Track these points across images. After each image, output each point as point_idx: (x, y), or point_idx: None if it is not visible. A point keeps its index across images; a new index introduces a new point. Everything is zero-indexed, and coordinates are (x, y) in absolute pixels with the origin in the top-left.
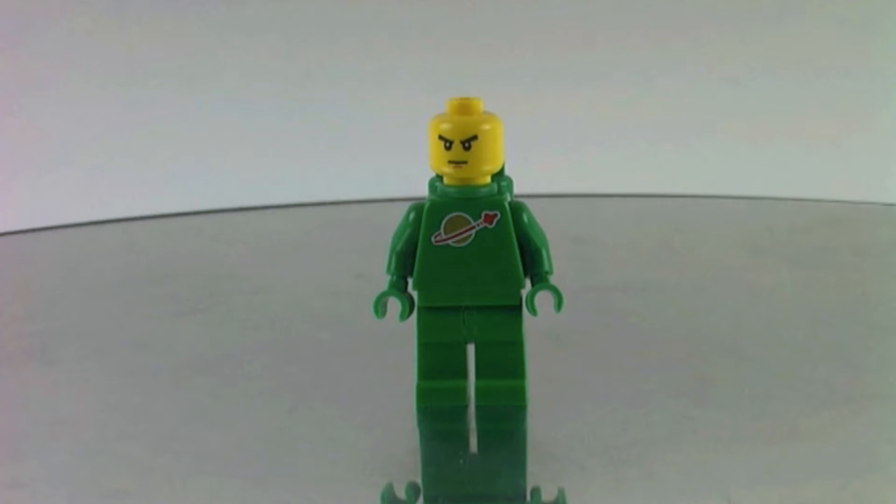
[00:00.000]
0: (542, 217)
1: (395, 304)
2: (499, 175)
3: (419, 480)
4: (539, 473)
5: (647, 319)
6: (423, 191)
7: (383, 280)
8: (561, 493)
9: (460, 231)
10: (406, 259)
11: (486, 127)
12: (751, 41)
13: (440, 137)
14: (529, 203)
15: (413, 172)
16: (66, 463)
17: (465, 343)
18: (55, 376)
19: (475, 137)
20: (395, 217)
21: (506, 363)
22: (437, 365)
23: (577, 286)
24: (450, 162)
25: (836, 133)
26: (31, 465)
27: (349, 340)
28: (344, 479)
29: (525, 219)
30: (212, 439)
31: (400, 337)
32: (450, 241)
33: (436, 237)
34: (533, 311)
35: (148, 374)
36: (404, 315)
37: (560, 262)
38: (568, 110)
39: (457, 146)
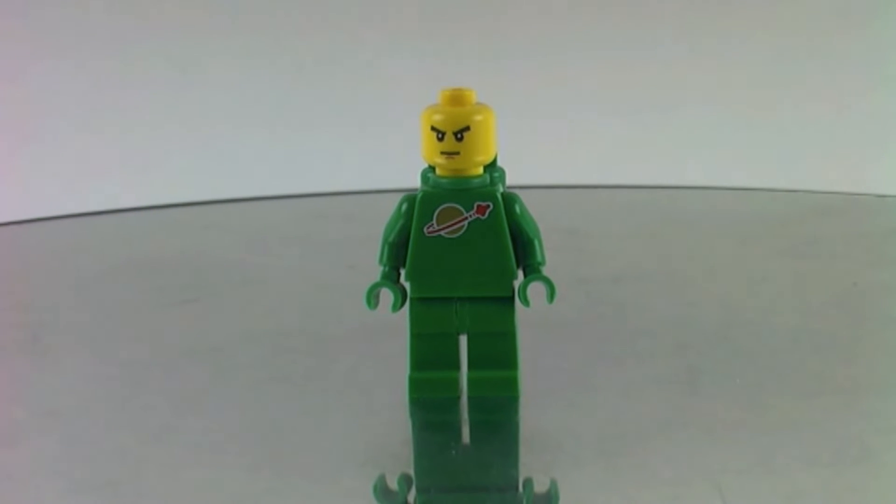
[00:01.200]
0: (535, 208)
1: (387, 295)
2: (491, 166)
3: (412, 471)
4: (531, 464)
5: (638, 310)
6: (415, 182)
7: (375, 271)
8: (553, 483)
9: (453, 222)
10: (398, 250)
11: (479, 118)
12: (743, 34)
13: (432, 128)
14: (522, 194)
15: (406, 163)
16: (57, 453)
17: (458, 334)
18: (47, 367)
19: (467, 128)
20: (387, 208)
21: (498, 354)
22: (430, 356)
23: (569, 277)
24: (442, 153)
25: (828, 124)
26: (23, 455)
27: (341, 331)
28: (336, 469)
29: (517, 210)
30: (204, 430)
31: (392, 328)
32: (442, 232)
33: (428, 228)
34: (525, 301)
35: (139, 365)
36: (396, 306)
37: (552, 253)
38: (560, 101)
39: (449, 137)
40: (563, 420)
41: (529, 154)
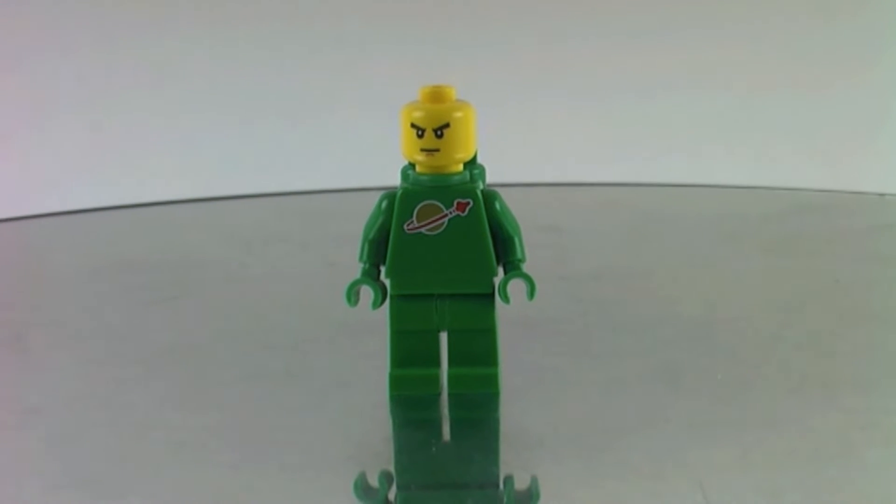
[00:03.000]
0: (515, 206)
1: (367, 293)
2: (471, 163)
3: (392, 468)
4: (512, 461)
5: (619, 307)
6: (395, 179)
7: (355, 268)
8: (533, 480)
9: (433, 219)
10: (378, 247)
11: (459, 115)
12: (725, 31)
13: (412, 125)
14: (502, 191)
15: (385, 161)
16: (38, 451)
17: (438, 331)
18: (28, 365)
19: (447, 125)
20: (368, 206)
21: (478, 351)
22: (410, 353)
23: (550, 274)
24: (422, 150)
25: (809, 122)
26: (4, 453)
27: (322, 329)
28: (317, 466)
29: (497, 206)
30: (184, 427)
31: (372, 325)
32: (422, 230)
33: (408, 225)
34: (506, 298)
35: (121, 363)
36: (377, 303)
37: (533, 250)
38: (541, 99)
39: (429, 134)
40: (544, 416)
41: (510, 151)
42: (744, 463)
